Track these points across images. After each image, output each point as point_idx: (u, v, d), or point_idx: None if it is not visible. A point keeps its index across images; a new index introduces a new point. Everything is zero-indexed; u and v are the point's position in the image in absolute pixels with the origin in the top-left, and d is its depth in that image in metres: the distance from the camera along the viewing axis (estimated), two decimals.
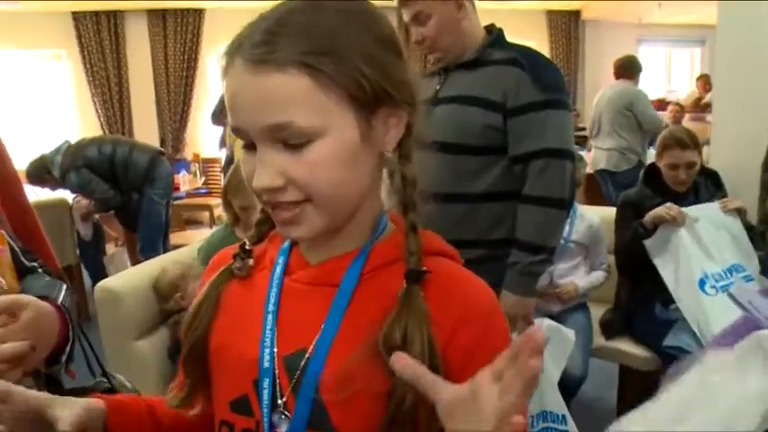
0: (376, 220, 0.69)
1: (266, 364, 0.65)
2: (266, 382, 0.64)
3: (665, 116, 6.41)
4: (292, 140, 0.58)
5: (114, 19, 6.89)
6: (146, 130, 7.05)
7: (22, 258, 0.96)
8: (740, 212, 2.26)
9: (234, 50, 0.59)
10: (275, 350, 0.65)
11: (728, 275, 2.14)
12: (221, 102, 5.72)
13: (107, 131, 6.98)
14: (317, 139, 0.58)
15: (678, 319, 2.20)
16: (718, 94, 2.63)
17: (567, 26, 8.23)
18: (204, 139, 7.36)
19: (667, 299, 2.27)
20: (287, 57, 0.56)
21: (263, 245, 0.74)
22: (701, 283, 2.14)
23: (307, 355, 0.63)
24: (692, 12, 7.68)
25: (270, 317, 0.67)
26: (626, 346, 2.33)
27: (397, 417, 0.58)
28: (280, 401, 0.64)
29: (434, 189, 0.68)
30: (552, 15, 8.15)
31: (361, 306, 0.64)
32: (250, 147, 0.61)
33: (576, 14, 8.26)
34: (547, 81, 1.53)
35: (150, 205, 3.89)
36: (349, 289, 0.65)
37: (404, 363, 0.53)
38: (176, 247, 4.32)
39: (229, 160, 5.13)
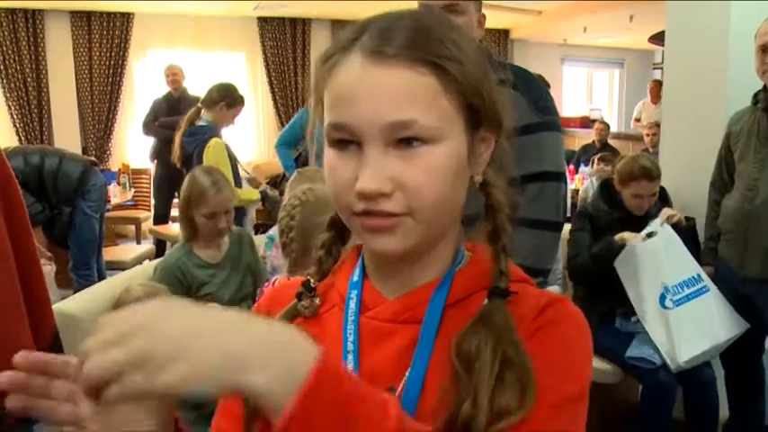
0: (456, 248, 0.67)
1: None
2: None
3: (591, 134, 6.72)
4: (408, 139, 0.55)
5: (33, 18, 6.45)
6: (67, 137, 6.62)
7: None
8: (685, 222, 2.36)
9: (347, 46, 0.57)
10: None
11: (683, 289, 2.23)
12: (153, 111, 5.46)
13: (23, 139, 6.51)
14: (432, 145, 0.56)
15: (639, 332, 2.28)
16: (668, 114, 2.75)
17: (496, 44, 8.52)
18: (131, 149, 7.01)
19: (626, 312, 2.35)
20: (417, 54, 0.55)
21: (326, 281, 0.69)
22: (662, 298, 2.22)
23: (397, 394, 0.59)
24: (614, 36, 8.13)
25: (351, 356, 0.62)
26: None
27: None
28: None
29: None
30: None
31: (446, 339, 0.60)
32: (345, 147, 0.57)
33: (505, 33, 8.56)
34: (542, 103, 1.52)
35: (83, 219, 3.65)
36: (435, 322, 0.62)
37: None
38: (109, 263, 4.09)
39: (164, 175, 4.87)
